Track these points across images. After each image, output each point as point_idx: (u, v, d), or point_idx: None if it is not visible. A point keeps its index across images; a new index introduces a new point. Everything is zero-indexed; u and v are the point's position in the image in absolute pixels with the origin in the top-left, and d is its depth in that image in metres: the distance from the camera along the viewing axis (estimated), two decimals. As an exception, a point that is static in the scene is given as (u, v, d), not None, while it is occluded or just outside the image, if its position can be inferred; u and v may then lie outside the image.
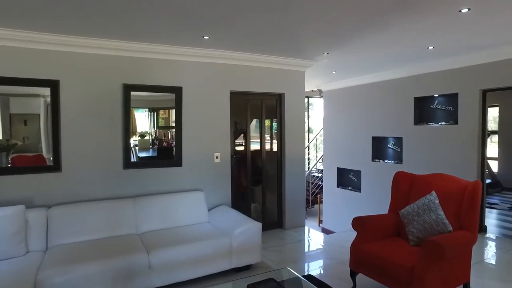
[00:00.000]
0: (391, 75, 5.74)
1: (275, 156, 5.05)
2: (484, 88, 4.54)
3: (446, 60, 4.78)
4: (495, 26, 3.34)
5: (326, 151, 7.65)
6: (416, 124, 5.49)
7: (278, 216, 5.08)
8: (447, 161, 4.97)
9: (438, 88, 5.12)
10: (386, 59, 4.84)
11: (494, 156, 8.49)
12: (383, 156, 6.27)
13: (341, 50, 4.32)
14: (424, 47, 4.11)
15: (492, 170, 8.35)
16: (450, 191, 2.97)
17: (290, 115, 4.98)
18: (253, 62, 4.58)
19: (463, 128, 4.77)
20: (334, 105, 7.31)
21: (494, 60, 4.34)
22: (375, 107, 6.21)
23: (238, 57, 4.41)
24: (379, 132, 6.20)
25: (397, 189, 3.38)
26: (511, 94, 7.04)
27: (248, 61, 4.52)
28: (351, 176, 7.02)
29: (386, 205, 6.06)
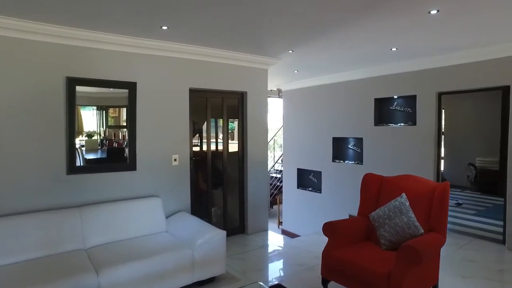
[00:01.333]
0: (352, 75, 5.77)
1: (237, 158, 4.80)
2: (440, 91, 4.69)
3: (406, 62, 4.87)
4: (460, 29, 3.40)
5: (286, 151, 7.56)
6: (376, 125, 5.56)
7: (240, 220, 4.84)
8: (406, 161, 5.08)
9: (397, 89, 5.22)
10: (350, 59, 4.81)
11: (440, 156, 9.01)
12: (344, 157, 6.30)
13: (306, 48, 4.19)
14: (388, 48, 4.11)
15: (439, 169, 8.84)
16: (419, 193, 2.93)
17: (252, 114, 4.77)
18: (215, 58, 4.29)
19: (421, 129, 4.90)
20: (294, 105, 7.24)
21: (450, 64, 4.49)
22: (336, 108, 6.22)
23: (199, 52, 4.09)
24: (339, 133, 6.22)
25: (366, 191, 3.30)
26: (454, 97, 7.49)
27: (210, 56, 4.23)
28: (312, 177, 6.98)
29: (348, 206, 6.20)
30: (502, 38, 3.72)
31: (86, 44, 3.39)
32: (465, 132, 7.71)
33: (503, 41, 3.83)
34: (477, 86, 4.31)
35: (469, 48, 4.10)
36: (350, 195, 5.98)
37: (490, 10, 2.85)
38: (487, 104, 7.18)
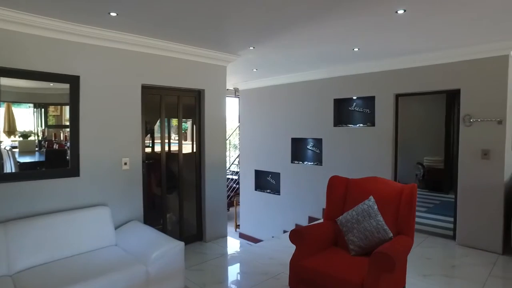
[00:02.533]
0: (312, 75, 5.72)
1: (193, 160, 4.48)
2: (397, 93, 4.78)
3: (366, 63, 4.91)
4: (423, 32, 3.43)
5: (243, 153, 7.35)
6: (335, 125, 5.56)
7: (198, 227, 4.52)
8: (365, 162, 5.12)
9: (357, 90, 5.25)
10: (312, 58, 4.73)
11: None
12: (303, 158, 6.24)
13: (268, 45, 4.01)
14: (350, 48, 4.07)
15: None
16: (386, 195, 2.88)
17: (210, 114, 4.48)
18: (171, 52, 3.94)
19: (380, 130, 4.97)
20: (251, 105, 7.06)
21: (407, 66, 4.59)
22: (295, 108, 6.14)
23: (153, 45, 3.72)
24: (298, 134, 6.14)
25: (332, 194, 3.19)
26: (403, 98, 7.81)
27: (165, 50, 3.87)
28: (270, 179, 6.85)
29: (307, 207, 6.15)
30: (457, 43, 3.85)
31: (13, 27, 2.85)
32: (413, 132, 8.08)
33: (457, 46, 3.97)
34: (431, 88, 4.44)
35: (427, 51, 4.21)
36: (310, 196, 5.93)
37: (454, 13, 2.88)
38: (433, 106, 7.59)
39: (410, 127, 8.39)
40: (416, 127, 7.84)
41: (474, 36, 3.58)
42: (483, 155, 3.99)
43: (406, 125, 8.65)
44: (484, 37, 3.62)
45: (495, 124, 3.91)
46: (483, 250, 4.02)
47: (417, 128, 7.91)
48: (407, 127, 8.52)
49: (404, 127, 8.68)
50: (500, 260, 3.77)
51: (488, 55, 3.92)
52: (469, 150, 4.11)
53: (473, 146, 4.07)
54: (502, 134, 3.89)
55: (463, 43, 3.85)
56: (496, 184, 3.95)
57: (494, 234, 3.99)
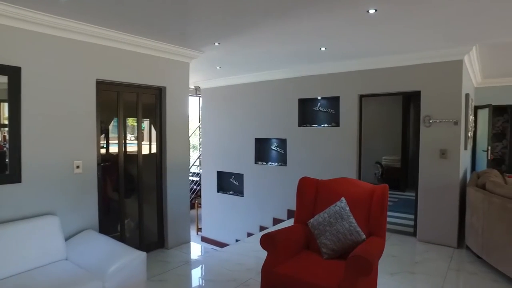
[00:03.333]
0: (277, 75, 5.64)
1: (153, 161, 4.19)
2: (361, 93, 4.85)
3: (331, 63, 4.92)
4: (390, 33, 3.46)
5: (205, 154, 7.11)
6: (300, 125, 5.53)
7: (159, 233, 4.24)
8: (330, 162, 5.14)
9: (321, 90, 5.26)
10: (278, 57, 4.63)
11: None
12: (267, 158, 6.15)
13: (234, 41, 3.85)
14: (317, 47, 4.04)
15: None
16: (357, 196, 2.85)
17: (172, 113, 4.22)
18: (130, 46, 3.63)
19: (344, 130, 5.00)
20: (214, 105, 6.84)
21: (371, 68, 4.66)
22: (259, 108, 6.03)
23: (110, 36, 3.40)
24: (262, 134, 6.04)
25: (302, 197, 3.10)
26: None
27: (123, 43, 3.55)
28: (233, 180, 6.68)
29: (272, 209, 6.06)
30: (418, 47, 3.97)
31: None
32: (371, 132, 8.35)
33: (418, 50, 4.10)
34: (394, 90, 4.55)
35: (391, 54, 4.30)
36: (274, 197, 5.86)
37: (420, 16, 2.92)
38: (390, 107, 7.89)
39: (368, 128, 8.64)
40: (374, 128, 8.09)
41: (433, 41, 3.70)
42: (441, 154, 4.16)
43: (364, 125, 8.96)
44: (442, 42, 3.76)
45: (451, 125, 4.09)
46: (441, 245, 4.19)
47: (375, 129, 8.18)
48: (365, 127, 8.78)
49: (363, 127, 9.01)
50: (455, 254, 3.95)
51: (445, 59, 4.09)
52: (428, 150, 4.26)
53: (432, 146, 4.23)
54: (458, 134, 4.07)
55: (424, 47, 3.98)
56: (453, 182, 4.13)
57: (450, 230, 4.16)
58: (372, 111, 8.36)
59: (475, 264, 3.67)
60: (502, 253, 3.30)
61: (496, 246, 3.39)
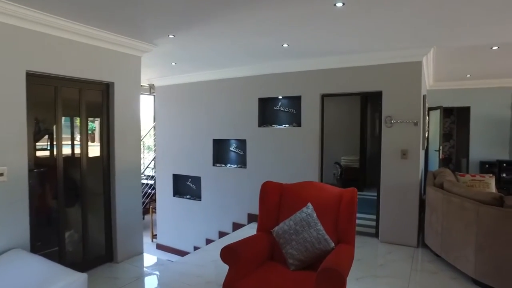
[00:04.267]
0: (236, 72, 5.38)
1: (100, 165, 3.75)
2: (323, 93, 4.75)
3: (293, 62, 4.76)
4: (355, 30, 3.36)
5: (160, 156, 6.66)
6: (260, 126, 5.33)
7: (107, 245, 3.79)
8: (292, 163, 4.99)
9: (282, 89, 5.09)
10: (237, 53, 4.38)
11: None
12: (226, 160, 5.88)
13: (189, 34, 3.54)
14: (280, 43, 3.85)
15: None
16: (324, 201, 2.68)
17: (121, 111, 3.80)
18: (70, 34, 3.17)
19: (306, 131, 4.88)
20: (169, 103, 6.42)
21: (333, 67, 4.58)
22: (217, 107, 5.74)
23: (44, 21, 2.92)
24: (221, 134, 5.76)
25: (266, 203, 2.88)
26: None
27: (62, 30, 3.09)
28: (190, 183, 6.32)
29: (231, 213, 5.78)
30: (380, 46, 3.94)
31: None
32: (330, 132, 8.41)
33: (380, 50, 4.08)
34: (356, 89, 4.51)
35: (354, 53, 4.24)
36: (234, 201, 5.60)
37: (390, 11, 2.84)
38: (348, 106, 7.98)
39: (327, 128, 8.72)
40: (333, 128, 8.14)
41: (396, 40, 3.68)
42: (402, 155, 4.17)
43: (324, 125, 9.02)
44: (405, 43, 3.76)
45: (412, 126, 4.11)
46: (402, 245, 4.21)
47: (334, 129, 8.23)
48: (325, 128, 8.86)
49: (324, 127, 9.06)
50: (416, 253, 3.98)
51: (405, 60, 4.10)
52: (390, 151, 4.26)
53: (393, 146, 4.23)
54: (418, 135, 4.10)
55: (386, 47, 3.95)
56: (413, 182, 4.16)
57: (411, 230, 4.19)
58: (331, 111, 8.42)
59: (435, 263, 3.70)
60: (460, 251, 3.34)
61: (454, 245, 3.42)
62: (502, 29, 3.32)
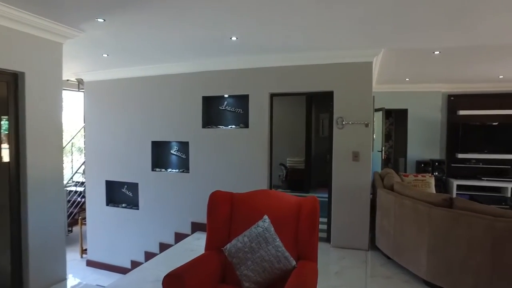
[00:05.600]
0: (178, 68, 4.89)
1: (6, 174, 3.04)
2: (272, 92, 4.50)
3: (240, 58, 4.43)
4: (312, 24, 3.13)
5: (90, 160, 5.87)
6: (204, 127, 4.91)
7: (14, 274, 3.07)
8: (239, 167, 4.67)
9: (229, 88, 4.73)
10: (179, 46, 3.92)
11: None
12: (166, 164, 5.35)
13: (124, 20, 3.03)
14: (227, 36, 3.48)
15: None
16: (282, 213, 2.39)
17: (37, 108, 3.14)
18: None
19: (254, 132, 4.59)
20: (101, 101, 5.68)
21: (283, 64, 4.34)
22: (156, 106, 5.19)
23: None
24: (160, 136, 5.22)
25: (215, 216, 2.50)
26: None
27: None
28: (125, 190, 5.66)
29: (172, 222, 5.24)
30: (332, 45, 3.78)
31: None
32: (275, 133, 8.28)
33: (331, 48, 3.92)
34: (306, 89, 4.33)
35: (306, 50, 4.03)
36: (176, 209, 5.11)
37: (345, 7, 2.64)
38: (293, 106, 7.89)
39: (273, 128, 8.60)
40: (278, 128, 7.99)
41: (349, 39, 3.55)
42: (354, 157, 4.07)
43: (272, 126, 8.86)
44: (357, 42, 3.65)
45: (363, 127, 4.04)
46: (354, 249, 4.12)
47: (279, 129, 8.08)
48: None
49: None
50: (368, 257, 3.91)
51: (357, 60, 4.02)
52: (341, 152, 4.15)
53: (345, 148, 4.12)
54: (369, 136, 4.04)
55: (339, 46, 3.81)
56: (364, 185, 4.10)
57: (362, 233, 4.12)
58: (276, 111, 8.30)
59: (387, 266, 3.65)
60: (412, 253, 3.30)
61: (407, 247, 3.38)
62: (448, 34, 3.36)
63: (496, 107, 6.34)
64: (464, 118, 6.50)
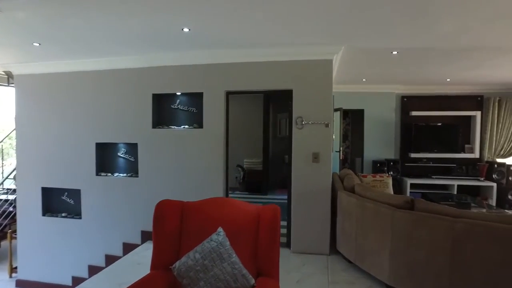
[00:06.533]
0: (125, 62, 4.42)
1: None
2: (228, 90, 4.21)
3: (194, 53, 4.07)
4: (271, 17, 2.89)
5: (23, 165, 5.15)
6: (154, 127, 4.49)
7: None
8: (193, 170, 4.33)
9: (182, 85, 4.36)
10: (126, 37, 3.49)
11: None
12: (113, 168, 4.84)
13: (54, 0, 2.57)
14: (178, 27, 3.13)
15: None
16: (239, 224, 2.12)
17: None
18: None
19: (209, 133, 4.27)
20: (35, 98, 5.00)
21: (240, 60, 4.07)
22: (101, 104, 4.67)
23: None
24: (106, 137, 4.71)
25: (162, 230, 2.17)
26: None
27: None
28: (66, 198, 5.05)
29: (120, 231, 4.73)
30: (291, 40, 3.58)
31: None
32: (232, 133, 8.01)
33: (290, 44, 3.72)
34: (265, 87, 4.08)
35: (264, 46, 3.79)
36: (124, 217, 4.64)
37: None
38: (250, 106, 7.66)
39: (229, 128, 8.32)
40: (235, 128, 7.71)
41: (308, 35, 3.38)
42: (314, 158, 3.91)
43: (228, 126, 8.56)
44: (316, 39, 3.49)
45: (323, 127, 3.89)
46: (314, 254, 3.97)
47: (236, 129, 7.81)
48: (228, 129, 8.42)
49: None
50: (329, 262, 3.76)
51: (317, 58, 3.86)
52: (301, 153, 3.97)
53: (304, 149, 3.95)
54: (329, 137, 3.90)
55: (299, 41, 3.62)
56: (325, 187, 3.95)
57: (323, 237, 3.98)
58: (232, 110, 8.03)
59: (349, 271, 3.52)
60: (375, 257, 3.19)
61: (370, 251, 3.27)
62: (406, 34, 3.32)
63: (443, 109, 6.60)
64: (416, 118, 6.70)
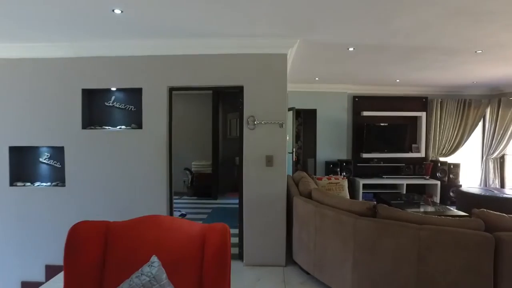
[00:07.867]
0: (48, 50, 3.69)
1: None
2: (171, 86, 3.71)
3: (131, 42, 3.50)
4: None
5: None
6: (85, 127, 3.84)
7: None
8: (131, 176, 3.75)
9: (117, 79, 3.75)
10: (44, 18, 2.82)
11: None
12: (33, 177, 4.07)
13: None
14: (107, 7, 2.58)
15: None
16: (179, 250, 1.68)
17: None
18: None
19: (149, 134, 3.73)
20: None
21: (185, 53, 3.59)
22: (16, 101, 3.89)
23: None
24: (23, 140, 3.93)
25: (78, 261, 1.66)
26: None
27: None
28: (-28, 214, 4.17)
29: (43, 252, 3.98)
30: (242, 30, 3.18)
31: None
32: (178, 134, 7.45)
33: (241, 35, 3.32)
34: (213, 83, 3.64)
35: (212, 36, 3.34)
36: (47, 235, 3.92)
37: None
38: (198, 104, 7.17)
39: (174, 129, 7.74)
40: (181, 129, 7.15)
41: (260, 24, 3.01)
42: (267, 162, 3.57)
43: (172, 126, 7.96)
44: (268, 28, 3.12)
45: (277, 128, 3.56)
46: (270, 266, 3.63)
47: (182, 130, 7.27)
48: (172, 129, 7.82)
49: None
50: (286, 275, 3.44)
51: (271, 52, 3.52)
52: (253, 156, 3.59)
53: (257, 151, 3.58)
54: (284, 138, 3.59)
55: (249, 32, 3.23)
56: (279, 193, 3.63)
57: (278, 247, 3.65)
58: (178, 109, 7.48)
59: (308, 284, 3.23)
60: (336, 269, 2.93)
61: (330, 262, 3.00)
62: (365, 27, 3.11)
63: (392, 109, 6.68)
64: (367, 119, 6.70)
